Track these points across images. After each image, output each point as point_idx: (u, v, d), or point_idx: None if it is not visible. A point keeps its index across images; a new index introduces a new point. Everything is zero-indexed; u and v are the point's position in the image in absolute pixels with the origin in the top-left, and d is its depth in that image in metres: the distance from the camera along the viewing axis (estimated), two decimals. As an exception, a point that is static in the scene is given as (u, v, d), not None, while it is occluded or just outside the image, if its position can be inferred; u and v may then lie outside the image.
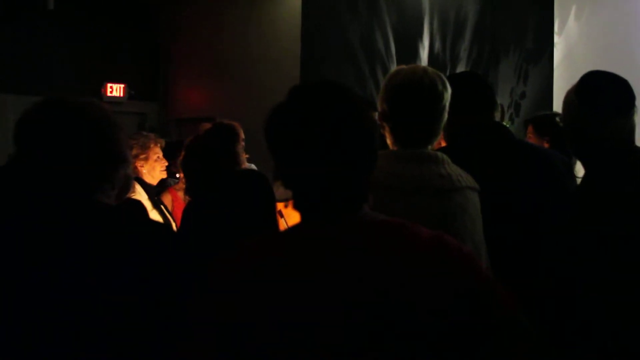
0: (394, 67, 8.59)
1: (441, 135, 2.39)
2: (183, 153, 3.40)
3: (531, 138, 4.29)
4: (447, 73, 8.66)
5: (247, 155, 3.56)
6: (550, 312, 2.07)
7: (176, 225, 4.18)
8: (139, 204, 1.83)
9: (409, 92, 2.27)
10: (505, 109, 8.66)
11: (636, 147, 2.29)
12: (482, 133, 2.70)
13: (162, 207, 4.36)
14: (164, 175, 4.56)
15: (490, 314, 1.49)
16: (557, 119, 2.81)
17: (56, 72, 8.51)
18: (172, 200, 4.63)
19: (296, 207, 1.58)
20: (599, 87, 2.30)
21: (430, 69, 2.34)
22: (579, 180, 2.78)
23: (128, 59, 9.51)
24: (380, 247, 1.49)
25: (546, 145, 4.10)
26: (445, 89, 2.29)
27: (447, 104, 2.29)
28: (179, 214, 3.98)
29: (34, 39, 8.53)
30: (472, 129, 2.70)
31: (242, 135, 3.98)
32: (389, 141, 2.33)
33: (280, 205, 4.22)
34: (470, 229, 2.18)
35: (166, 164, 4.51)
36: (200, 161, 3.29)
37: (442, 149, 2.77)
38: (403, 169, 2.17)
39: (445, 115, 2.30)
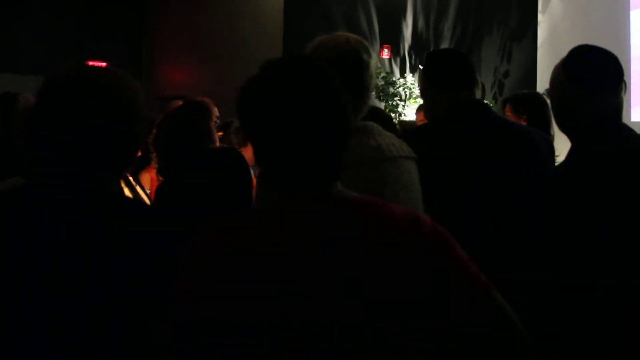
0: (377, 46, 8.63)
1: (421, 113, 2.37)
2: (154, 131, 3.31)
3: (509, 117, 4.28)
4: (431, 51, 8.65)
5: (220, 133, 3.47)
6: (532, 292, 2.06)
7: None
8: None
9: (334, 64, 2.21)
10: (489, 87, 8.66)
11: (623, 124, 2.27)
12: (462, 110, 2.68)
13: (136, 185, 4.29)
14: (138, 153, 4.45)
15: (464, 293, 1.49)
16: (545, 92, 2.75)
17: (37, 49, 8.41)
18: (151, 180, 4.56)
19: (268, 183, 1.57)
20: (587, 62, 2.26)
21: (352, 37, 2.25)
22: (558, 159, 2.77)
23: (110, 36, 9.42)
24: (353, 224, 1.49)
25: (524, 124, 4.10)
26: (370, 57, 2.22)
27: (374, 72, 2.24)
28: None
29: (15, 17, 8.42)
30: (453, 106, 2.69)
31: (216, 113, 3.90)
32: None
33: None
34: (404, 198, 2.14)
35: None
36: (171, 139, 3.22)
37: (423, 126, 2.76)
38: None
39: (373, 84, 2.25)
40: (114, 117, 1.62)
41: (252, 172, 3.24)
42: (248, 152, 3.11)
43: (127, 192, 4.06)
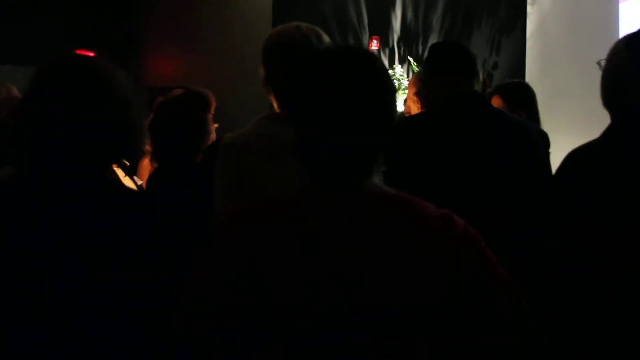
0: (366, 37, 8.61)
1: (418, 101, 2.36)
2: (151, 117, 3.31)
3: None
4: (420, 43, 8.66)
5: (216, 125, 3.48)
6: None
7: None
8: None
9: (281, 52, 2.18)
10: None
11: None
12: (458, 100, 2.69)
13: (125, 176, 4.24)
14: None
15: (491, 297, 1.48)
16: (598, 63, 2.51)
17: (22, 39, 8.34)
18: (149, 167, 4.50)
19: (304, 171, 1.56)
20: None
21: (304, 25, 2.24)
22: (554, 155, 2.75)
23: (98, 26, 9.34)
24: (385, 220, 1.48)
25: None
26: (322, 43, 2.21)
27: None
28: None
29: (1, 6, 8.34)
30: (450, 96, 2.69)
31: (214, 104, 3.89)
32: (275, 105, 2.26)
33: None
34: None
35: None
36: (166, 126, 3.21)
37: (418, 115, 2.77)
38: (277, 131, 2.01)
39: None
40: (105, 106, 1.62)
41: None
42: None
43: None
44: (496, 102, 4.06)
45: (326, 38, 2.23)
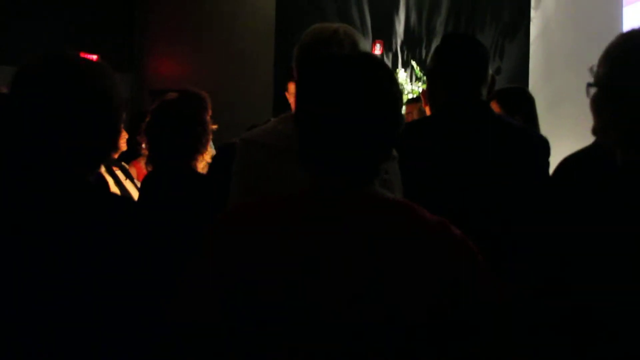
0: (369, 41, 8.62)
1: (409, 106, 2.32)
2: (148, 119, 3.26)
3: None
4: (423, 47, 8.65)
5: (215, 126, 3.42)
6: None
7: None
8: (101, 177, 1.77)
9: (309, 53, 2.17)
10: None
11: None
12: (456, 106, 2.66)
13: (126, 179, 4.22)
14: (124, 147, 4.30)
15: (484, 305, 1.49)
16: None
17: (26, 41, 8.34)
18: (137, 171, 4.46)
19: (308, 172, 1.56)
20: None
21: (342, 30, 2.21)
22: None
23: (101, 29, 9.35)
24: (383, 225, 1.49)
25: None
26: (356, 47, 2.17)
27: None
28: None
29: (5, 9, 8.35)
30: (448, 101, 2.66)
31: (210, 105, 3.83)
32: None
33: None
34: None
35: (126, 136, 4.23)
36: (165, 128, 3.18)
37: (423, 119, 2.75)
38: (293, 130, 2.04)
39: None
40: (88, 106, 1.57)
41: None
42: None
43: (112, 184, 3.99)
44: (493, 107, 4.01)
45: (364, 46, 2.22)
